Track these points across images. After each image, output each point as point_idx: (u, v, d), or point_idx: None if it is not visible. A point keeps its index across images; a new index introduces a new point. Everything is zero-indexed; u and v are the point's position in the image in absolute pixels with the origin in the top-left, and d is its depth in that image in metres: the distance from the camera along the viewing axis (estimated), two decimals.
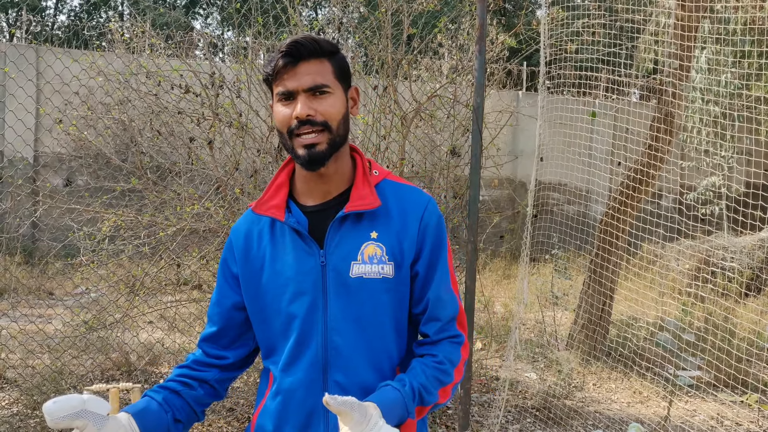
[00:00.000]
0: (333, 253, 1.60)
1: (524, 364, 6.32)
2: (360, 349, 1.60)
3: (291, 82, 1.55)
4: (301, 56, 1.55)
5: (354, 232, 1.61)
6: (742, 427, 5.03)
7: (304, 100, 1.54)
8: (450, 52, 5.69)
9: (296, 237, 1.62)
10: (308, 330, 1.60)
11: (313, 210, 1.64)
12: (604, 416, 5.17)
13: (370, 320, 1.60)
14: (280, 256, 1.63)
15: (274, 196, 1.66)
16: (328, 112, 1.56)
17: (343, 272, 1.59)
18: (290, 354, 1.61)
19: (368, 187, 1.63)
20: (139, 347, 5.42)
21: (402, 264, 1.62)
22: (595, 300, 6.30)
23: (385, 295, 1.60)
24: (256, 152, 4.66)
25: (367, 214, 1.62)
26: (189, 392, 1.68)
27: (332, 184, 1.64)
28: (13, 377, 5.19)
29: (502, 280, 10.23)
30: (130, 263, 4.96)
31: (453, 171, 5.02)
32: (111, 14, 21.02)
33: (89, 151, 5.55)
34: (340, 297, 1.59)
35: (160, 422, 1.58)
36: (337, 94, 1.59)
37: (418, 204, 1.65)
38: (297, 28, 4.64)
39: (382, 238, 1.61)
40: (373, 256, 1.60)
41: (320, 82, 1.56)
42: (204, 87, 4.70)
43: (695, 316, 6.82)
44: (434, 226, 1.66)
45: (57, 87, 6.10)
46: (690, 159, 10.87)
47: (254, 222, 1.69)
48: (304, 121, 1.54)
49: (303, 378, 1.60)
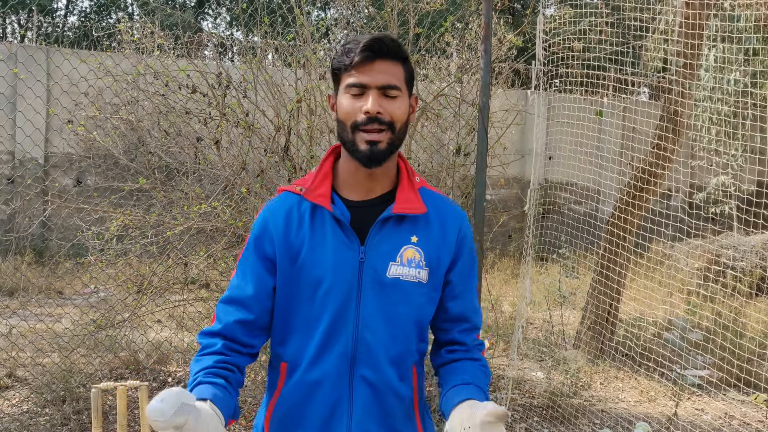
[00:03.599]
0: (373, 250, 1.62)
1: (531, 363, 6.32)
2: (387, 346, 1.63)
3: (365, 77, 1.56)
4: (381, 54, 1.57)
5: (395, 234, 1.64)
6: (750, 426, 5.01)
7: (376, 98, 1.56)
8: (458, 51, 5.69)
9: (338, 229, 1.62)
10: (340, 323, 1.61)
11: (356, 205, 1.66)
12: (611, 415, 5.16)
13: (400, 320, 1.64)
14: (318, 245, 1.62)
15: (321, 185, 1.65)
16: (396, 113, 1.58)
17: (381, 271, 1.62)
18: (319, 345, 1.62)
19: (413, 192, 1.67)
20: (148, 346, 5.46)
21: (437, 271, 1.66)
22: (603, 299, 6.28)
23: (417, 299, 1.64)
24: (263, 152, 4.68)
25: (410, 218, 1.65)
26: (234, 377, 1.60)
27: (378, 183, 1.66)
28: (23, 375, 5.24)
29: (510, 279, 10.22)
30: (139, 262, 4.99)
31: (459, 170, 5.02)
32: (120, 15, 21.13)
33: (98, 151, 5.59)
34: (374, 295, 1.62)
35: (230, 405, 1.52)
36: (404, 98, 1.62)
37: (457, 216, 1.72)
38: (303, 28, 4.66)
39: (422, 244, 1.65)
40: (411, 260, 1.63)
41: (393, 83, 1.58)
42: (211, 87, 4.73)
43: (703, 316, 6.80)
44: (470, 239, 1.73)
45: (66, 88, 6.15)
46: (699, 158, 10.83)
47: (295, 204, 1.67)
48: (373, 117, 1.56)
49: (331, 370, 1.61)
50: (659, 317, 6.74)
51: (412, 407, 1.70)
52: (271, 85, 4.70)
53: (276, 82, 4.79)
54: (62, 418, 4.52)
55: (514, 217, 11.72)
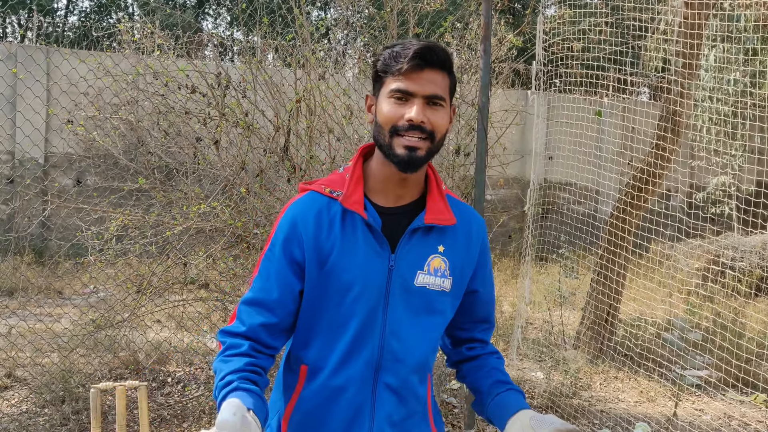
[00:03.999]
0: (403, 259, 1.63)
1: (531, 363, 6.32)
2: (412, 354, 1.65)
3: (413, 85, 1.55)
4: (430, 63, 1.56)
5: (423, 242, 1.65)
6: (750, 426, 5.01)
7: (421, 107, 1.55)
8: (458, 51, 5.69)
9: (369, 235, 1.61)
10: (367, 330, 1.61)
11: (387, 212, 1.65)
12: (611, 415, 5.16)
13: (424, 328, 1.66)
14: (349, 250, 1.60)
15: (354, 191, 1.63)
16: (438, 124, 1.58)
17: (409, 279, 1.63)
18: (345, 351, 1.61)
19: (443, 202, 1.67)
20: (147, 346, 5.46)
21: (460, 281, 1.70)
22: (602, 299, 6.28)
23: (440, 307, 1.67)
24: (262, 152, 4.68)
25: (437, 227, 1.66)
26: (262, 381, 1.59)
27: (408, 190, 1.67)
28: (22, 375, 5.24)
29: (510, 279, 10.21)
30: (138, 262, 4.99)
31: (458, 170, 5.02)
32: (121, 15, 21.12)
33: (98, 151, 5.59)
34: (402, 302, 1.63)
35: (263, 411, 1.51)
36: (447, 109, 1.62)
37: (481, 227, 1.76)
38: (303, 29, 4.66)
39: (448, 253, 1.66)
40: (438, 269, 1.65)
41: (439, 94, 1.58)
42: (210, 87, 4.72)
43: (703, 316, 6.79)
44: (488, 246, 1.79)
45: (65, 88, 6.15)
46: (699, 158, 10.82)
47: (324, 207, 1.63)
48: (416, 126, 1.55)
49: (356, 376, 1.61)
50: (659, 317, 6.74)
51: (426, 408, 1.73)
52: (270, 85, 4.69)
53: (275, 82, 4.78)
54: (61, 418, 4.52)
55: (514, 217, 11.72)
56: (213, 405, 4.84)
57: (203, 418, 4.64)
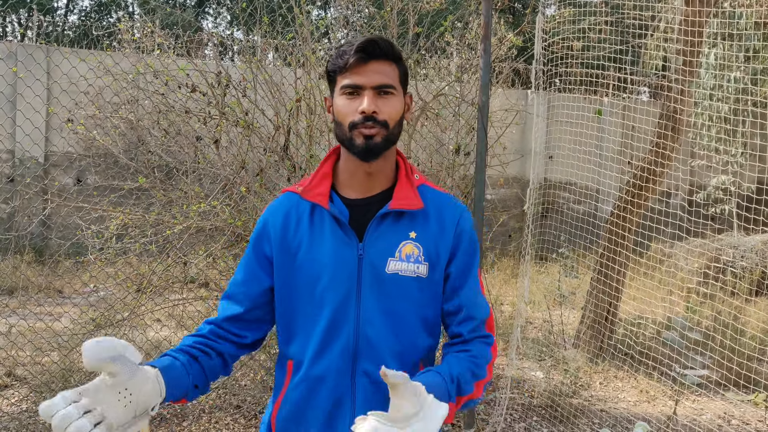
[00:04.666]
0: (371, 247, 1.65)
1: (531, 362, 6.32)
2: (389, 341, 1.65)
3: (360, 78, 1.60)
4: (374, 55, 1.62)
5: (393, 230, 1.67)
6: (750, 426, 5.01)
7: (371, 97, 1.60)
8: (459, 50, 5.69)
9: (336, 227, 1.66)
10: (341, 319, 1.63)
11: (355, 203, 1.69)
12: (611, 415, 5.16)
13: (400, 315, 1.65)
14: (317, 243, 1.66)
15: (319, 184, 1.70)
16: (391, 112, 1.63)
17: (380, 267, 1.64)
18: (321, 341, 1.64)
19: (411, 189, 1.70)
20: (147, 345, 5.46)
21: (436, 265, 1.68)
22: (602, 299, 6.28)
23: (417, 293, 1.66)
24: (262, 151, 4.68)
25: (408, 214, 1.68)
26: (208, 361, 1.66)
27: (376, 181, 1.70)
28: (22, 374, 5.24)
29: (510, 279, 10.22)
30: (138, 261, 4.99)
31: (458, 170, 5.02)
32: (121, 14, 21.12)
33: (98, 150, 5.59)
34: (374, 290, 1.64)
35: (182, 383, 1.54)
36: (399, 97, 1.66)
37: (455, 211, 1.74)
38: (303, 28, 4.65)
39: (420, 239, 1.67)
40: (410, 255, 1.66)
41: (388, 83, 1.62)
42: (210, 86, 4.72)
43: (703, 315, 6.79)
44: (468, 232, 1.74)
45: (65, 87, 6.15)
46: (700, 157, 10.82)
47: (294, 205, 1.72)
48: (369, 117, 1.60)
49: (333, 366, 1.64)
50: (659, 317, 6.74)
51: None
52: (270, 84, 4.69)
53: (275, 81, 4.79)
54: None
55: (514, 216, 11.72)
56: (212, 404, 4.85)
57: (203, 417, 4.65)
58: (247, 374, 5.24)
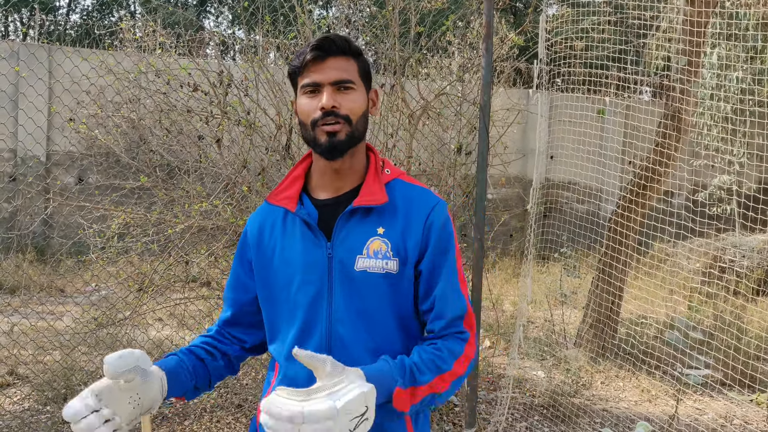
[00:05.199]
0: (340, 245, 1.64)
1: (533, 362, 6.32)
2: (362, 340, 1.64)
3: (318, 75, 1.61)
4: (330, 52, 1.62)
5: (361, 227, 1.65)
6: (751, 426, 5.00)
7: (330, 93, 1.61)
8: (460, 50, 5.69)
9: (306, 228, 1.67)
10: (312, 319, 1.65)
11: (325, 203, 1.70)
12: (612, 414, 5.15)
13: (372, 313, 1.64)
14: (289, 246, 1.68)
15: (288, 188, 1.72)
16: (351, 106, 1.63)
17: (348, 265, 1.63)
18: (294, 342, 1.65)
19: (378, 184, 1.68)
20: (149, 344, 5.46)
21: (407, 261, 1.66)
22: (604, 298, 6.28)
23: (387, 290, 1.64)
24: (264, 150, 4.68)
25: (376, 210, 1.66)
26: (212, 362, 1.76)
27: (346, 180, 1.70)
28: (24, 373, 5.25)
29: (511, 278, 10.21)
30: (140, 261, 5.00)
31: (460, 169, 5.01)
32: (123, 13, 21.13)
33: (100, 149, 5.60)
34: (344, 289, 1.64)
35: (183, 385, 1.66)
36: (360, 92, 1.66)
37: (425, 204, 1.69)
38: (305, 27, 4.65)
39: (388, 234, 1.65)
40: (378, 251, 1.64)
41: (346, 77, 1.63)
42: (212, 85, 4.72)
43: (705, 315, 6.79)
44: (439, 226, 1.68)
45: (67, 86, 6.15)
46: (702, 157, 10.81)
47: (269, 213, 1.75)
48: (328, 112, 1.60)
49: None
50: (661, 316, 6.73)
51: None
52: (272, 83, 4.70)
53: (277, 80, 4.79)
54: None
55: (516, 216, 11.71)
56: (214, 404, 4.85)
57: (204, 416, 4.65)
58: (248, 373, 5.24)
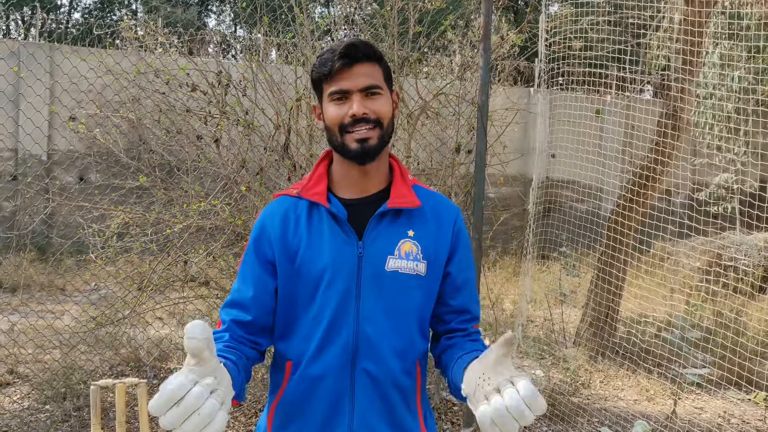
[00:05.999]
0: (371, 245, 1.65)
1: (531, 361, 6.32)
2: (388, 339, 1.65)
3: (346, 83, 1.63)
4: (357, 58, 1.63)
5: (392, 228, 1.68)
6: (749, 425, 5.01)
7: (360, 100, 1.62)
8: (461, 49, 5.68)
9: (335, 225, 1.66)
10: (340, 317, 1.64)
11: (351, 203, 1.70)
12: (611, 413, 5.16)
13: (399, 313, 1.66)
14: (316, 243, 1.66)
15: (316, 184, 1.71)
16: (381, 111, 1.65)
17: (379, 265, 1.65)
18: (321, 340, 1.64)
19: (407, 187, 1.72)
20: (148, 343, 5.48)
21: (435, 264, 1.70)
22: (603, 297, 6.28)
23: (416, 291, 1.67)
24: (262, 150, 4.69)
25: (405, 212, 1.69)
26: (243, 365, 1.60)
27: (371, 182, 1.72)
28: (24, 372, 5.26)
29: (512, 277, 10.22)
30: (140, 260, 5.01)
31: (459, 168, 5.02)
32: (124, 12, 21.14)
33: (100, 149, 5.61)
34: (373, 288, 1.64)
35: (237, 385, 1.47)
36: (386, 96, 1.68)
37: (451, 211, 1.77)
38: (303, 27, 4.66)
39: (418, 237, 1.69)
40: (409, 253, 1.67)
41: (374, 83, 1.64)
42: (211, 85, 4.73)
43: (705, 314, 6.79)
44: (465, 232, 1.77)
45: (68, 86, 6.16)
46: (703, 156, 10.80)
47: (291, 207, 1.72)
48: (359, 119, 1.62)
49: (333, 364, 1.63)
50: (660, 316, 6.73)
51: (415, 402, 1.72)
52: (271, 83, 4.70)
53: (276, 80, 4.79)
54: (63, 414, 4.54)
55: (516, 215, 11.71)
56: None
57: None
58: None
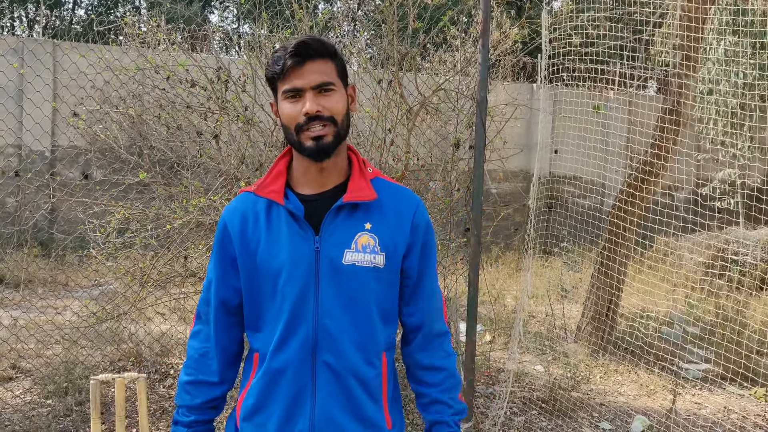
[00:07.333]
0: (328, 240, 1.67)
1: (532, 356, 6.33)
2: (348, 332, 1.68)
3: (299, 81, 1.63)
4: (308, 56, 1.64)
5: (349, 222, 1.69)
6: (749, 420, 5.01)
7: (312, 98, 1.63)
8: (463, 43, 5.67)
9: (292, 222, 1.68)
10: (300, 312, 1.67)
11: (309, 199, 1.72)
12: (610, 408, 5.17)
13: (359, 306, 1.68)
14: (275, 240, 1.69)
15: (273, 182, 1.73)
16: (335, 107, 1.66)
17: (336, 259, 1.67)
18: (281, 334, 1.67)
19: (364, 181, 1.73)
20: (149, 338, 5.50)
21: (393, 256, 1.71)
22: (604, 293, 6.28)
23: (374, 284, 1.69)
24: (262, 146, 4.69)
25: (362, 205, 1.70)
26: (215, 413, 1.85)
27: (329, 177, 1.73)
28: (26, 367, 5.29)
29: (514, 272, 10.21)
30: (140, 256, 5.02)
31: (458, 164, 5.01)
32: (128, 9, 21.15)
33: (103, 144, 5.62)
34: (332, 282, 1.67)
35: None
36: (340, 92, 1.68)
37: (411, 203, 1.77)
38: (302, 23, 4.66)
39: (376, 230, 1.70)
40: (366, 246, 1.68)
41: (327, 80, 1.65)
42: (210, 81, 4.74)
43: (706, 310, 6.78)
44: (424, 225, 1.78)
45: (68, 82, 6.17)
46: (706, 151, 10.77)
47: (250, 204, 1.75)
48: (313, 117, 1.63)
49: (293, 358, 1.67)
50: (661, 311, 6.73)
51: (380, 394, 1.74)
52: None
53: None
54: (64, 409, 4.57)
55: (519, 210, 11.70)
56: None
57: None
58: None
